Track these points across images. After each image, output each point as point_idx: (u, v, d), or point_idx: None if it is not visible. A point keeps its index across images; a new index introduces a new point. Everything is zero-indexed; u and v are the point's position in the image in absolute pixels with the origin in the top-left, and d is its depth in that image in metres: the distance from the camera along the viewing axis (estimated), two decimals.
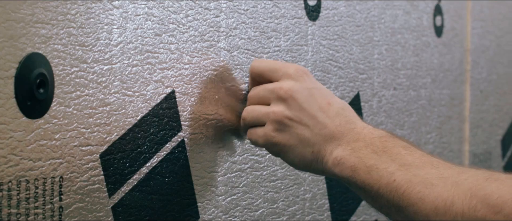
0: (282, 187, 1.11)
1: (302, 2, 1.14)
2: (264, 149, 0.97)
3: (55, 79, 0.79)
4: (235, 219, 1.03)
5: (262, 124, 0.92)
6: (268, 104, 0.92)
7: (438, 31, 1.53)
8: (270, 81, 0.93)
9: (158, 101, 0.91)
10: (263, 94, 0.93)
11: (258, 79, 0.95)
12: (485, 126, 1.73)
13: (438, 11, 1.52)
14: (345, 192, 1.25)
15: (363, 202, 1.30)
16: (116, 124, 0.86)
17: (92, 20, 0.83)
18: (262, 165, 1.07)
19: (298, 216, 1.15)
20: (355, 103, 1.26)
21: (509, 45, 1.83)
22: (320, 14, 1.18)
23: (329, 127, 0.88)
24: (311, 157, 0.89)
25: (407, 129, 1.42)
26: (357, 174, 0.85)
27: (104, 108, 0.85)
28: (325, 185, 1.20)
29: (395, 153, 0.83)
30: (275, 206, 1.10)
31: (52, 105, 0.79)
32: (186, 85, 0.94)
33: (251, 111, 0.93)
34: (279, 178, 1.10)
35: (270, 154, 0.98)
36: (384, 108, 1.35)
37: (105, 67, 0.85)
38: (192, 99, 0.95)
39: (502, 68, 1.80)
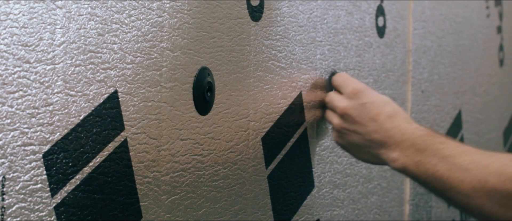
0: (225, 187, 1.14)
1: (245, 2, 1.17)
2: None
3: None
4: (178, 218, 1.05)
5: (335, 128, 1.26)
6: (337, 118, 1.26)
7: (380, 31, 1.57)
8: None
9: (101, 101, 0.93)
10: (331, 105, 1.27)
11: (336, 88, 1.29)
12: (427, 126, 1.78)
13: (380, 12, 1.57)
14: (287, 191, 1.28)
15: (305, 202, 1.33)
16: (59, 124, 0.88)
17: (35, 20, 0.85)
18: (204, 165, 1.10)
19: (241, 215, 1.18)
20: (297, 103, 1.30)
21: (450, 45, 1.89)
22: (263, 15, 1.21)
23: (379, 133, 1.16)
24: (370, 157, 1.20)
25: None
26: (409, 169, 1.12)
27: (47, 108, 0.87)
28: (267, 185, 1.23)
29: (435, 149, 1.08)
30: (217, 205, 1.13)
31: None
32: (129, 85, 0.96)
33: (327, 116, 1.29)
34: (221, 177, 1.13)
35: (212, 154, 1.08)
36: (326, 108, 1.38)
37: (48, 67, 0.87)
38: (135, 99, 0.97)
39: (443, 68, 1.85)
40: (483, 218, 1.03)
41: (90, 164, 0.92)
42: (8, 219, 0.83)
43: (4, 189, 0.82)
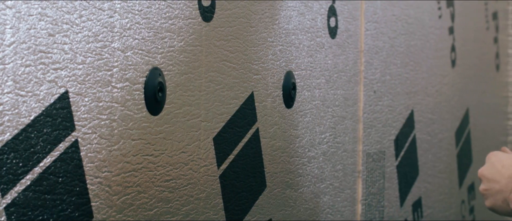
0: (176, 187, 1.16)
1: (196, 3, 1.19)
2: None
3: None
4: (129, 218, 1.07)
5: None
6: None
7: (332, 32, 1.60)
8: None
9: (52, 101, 0.94)
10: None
11: None
12: (379, 126, 1.81)
13: (332, 12, 1.60)
14: (239, 192, 1.31)
15: (257, 201, 1.36)
16: (9, 124, 0.89)
17: None
18: (156, 165, 1.11)
19: (192, 215, 1.20)
20: (249, 103, 1.32)
21: (402, 46, 1.92)
22: (214, 15, 1.23)
23: (502, 183, 1.31)
24: (504, 205, 1.31)
25: (301, 129, 1.49)
26: None
27: None
28: (219, 185, 1.25)
29: None
30: (169, 205, 1.15)
31: None
32: (80, 85, 0.98)
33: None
34: (173, 177, 1.15)
35: (163, 155, 1.11)
36: (278, 108, 1.41)
37: None
38: (86, 99, 0.99)
39: (396, 69, 1.89)
40: None
41: (41, 164, 0.93)
42: None
43: None
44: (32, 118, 0.92)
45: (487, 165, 1.35)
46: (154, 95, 1.10)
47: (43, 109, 0.93)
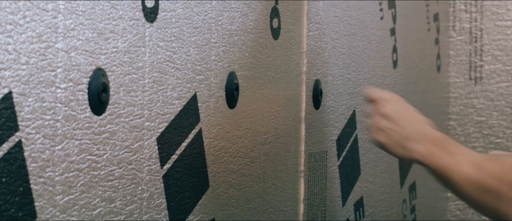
0: (120, 187, 1.18)
1: (140, 3, 1.21)
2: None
3: None
4: (73, 218, 1.09)
5: (373, 129, 1.58)
6: (378, 120, 1.58)
7: (275, 33, 1.64)
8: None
9: None
10: (374, 113, 1.58)
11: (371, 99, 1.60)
12: (321, 126, 1.85)
13: (275, 13, 1.63)
14: (182, 191, 1.33)
15: (201, 201, 1.38)
16: None
17: None
18: (99, 165, 1.13)
19: (136, 215, 1.22)
20: (192, 104, 1.35)
21: (344, 47, 1.97)
22: (158, 16, 1.25)
23: (413, 131, 1.51)
24: (400, 150, 1.52)
25: (244, 130, 1.52)
26: (425, 159, 1.47)
27: None
28: (162, 185, 1.28)
29: (443, 146, 1.45)
30: (112, 205, 1.17)
31: None
32: (23, 86, 1.00)
33: (370, 120, 1.58)
34: (116, 177, 1.17)
35: (107, 154, 1.14)
36: (221, 109, 1.44)
37: None
38: (30, 99, 1.01)
39: (338, 70, 1.93)
40: (469, 204, 1.45)
41: None
42: None
43: None
44: None
45: (396, 109, 1.57)
46: (98, 95, 1.12)
47: None
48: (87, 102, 1.11)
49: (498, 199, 1.32)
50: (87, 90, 1.10)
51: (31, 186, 1.02)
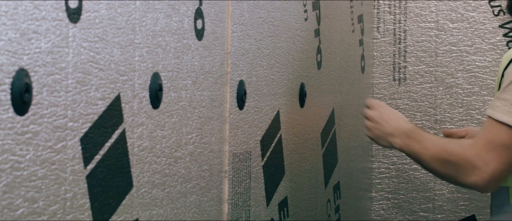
0: (43, 187, 1.20)
1: (63, 4, 1.23)
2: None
3: None
4: None
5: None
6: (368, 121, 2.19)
7: (199, 34, 1.67)
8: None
9: None
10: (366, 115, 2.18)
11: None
12: (245, 127, 1.89)
13: (199, 14, 1.66)
14: (106, 191, 1.35)
15: (124, 201, 1.41)
16: None
17: None
18: (22, 165, 1.15)
19: (59, 215, 1.24)
20: (116, 105, 1.37)
21: (268, 48, 2.01)
22: (82, 17, 1.27)
23: (389, 128, 2.07)
24: (385, 142, 2.09)
25: (168, 130, 1.55)
26: (403, 149, 2.02)
27: None
28: (86, 185, 1.30)
29: (414, 137, 2.00)
30: (35, 205, 1.18)
31: None
32: None
33: (365, 123, 2.16)
34: (40, 178, 1.19)
35: (30, 155, 1.16)
36: (145, 109, 1.46)
37: None
38: None
39: (262, 70, 1.97)
40: (436, 176, 2.07)
41: None
42: None
43: None
44: None
45: (378, 113, 2.12)
46: (21, 96, 1.14)
47: None
48: (9, 102, 1.12)
49: (457, 170, 1.88)
50: (9, 91, 1.12)
51: None
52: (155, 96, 1.49)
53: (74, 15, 1.26)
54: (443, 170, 1.95)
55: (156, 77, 1.49)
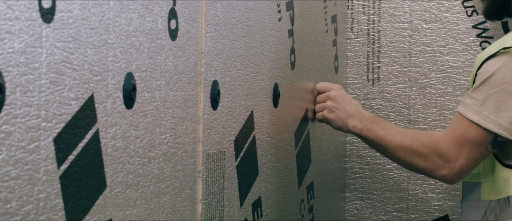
0: (16, 187, 1.20)
1: (36, 4, 1.24)
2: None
3: None
4: None
5: (322, 110, 2.34)
6: (325, 102, 2.38)
7: (173, 34, 1.68)
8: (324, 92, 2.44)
9: None
10: (322, 98, 2.36)
11: (320, 91, 2.41)
12: (219, 127, 1.90)
13: (172, 14, 1.67)
14: (79, 192, 1.36)
15: (98, 201, 1.41)
16: None
17: None
18: None
19: (32, 216, 1.24)
20: (89, 105, 1.38)
21: (242, 48, 2.02)
22: (55, 17, 1.28)
23: (351, 110, 2.20)
24: (341, 124, 2.22)
25: (141, 130, 1.56)
26: (362, 132, 2.14)
27: None
28: (59, 185, 1.30)
29: (378, 123, 2.10)
30: (8, 206, 1.19)
31: None
32: None
33: (318, 106, 2.35)
34: (12, 178, 1.19)
35: (3, 155, 1.16)
36: (118, 110, 1.47)
37: None
38: None
39: (236, 71, 1.99)
40: (400, 164, 2.11)
41: None
42: None
43: None
44: None
45: (339, 94, 2.27)
46: None
47: None
48: None
49: (425, 161, 1.96)
50: None
51: None
52: (129, 96, 1.50)
53: (47, 15, 1.26)
54: (409, 160, 2.00)
55: (129, 77, 1.50)
